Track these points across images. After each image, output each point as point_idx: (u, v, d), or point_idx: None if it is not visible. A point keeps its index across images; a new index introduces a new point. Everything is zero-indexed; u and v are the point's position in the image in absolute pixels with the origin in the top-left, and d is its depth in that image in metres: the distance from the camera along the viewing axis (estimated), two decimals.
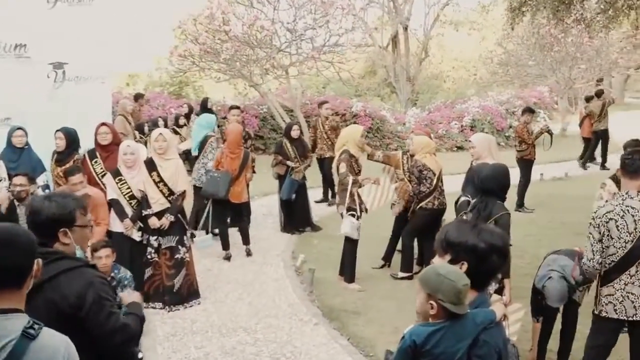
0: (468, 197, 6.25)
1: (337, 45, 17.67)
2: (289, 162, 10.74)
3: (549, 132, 12.62)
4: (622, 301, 4.93)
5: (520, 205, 12.42)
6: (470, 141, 7.50)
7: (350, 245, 8.21)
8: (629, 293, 4.91)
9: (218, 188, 9.05)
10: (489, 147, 7.13)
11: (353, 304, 7.69)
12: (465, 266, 2.91)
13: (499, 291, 5.40)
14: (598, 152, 17.94)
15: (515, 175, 12.22)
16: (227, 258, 9.32)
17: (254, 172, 9.78)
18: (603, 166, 17.30)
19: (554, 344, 6.06)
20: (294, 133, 10.95)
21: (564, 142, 21.44)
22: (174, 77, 21.23)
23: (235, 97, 22.00)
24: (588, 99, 18.89)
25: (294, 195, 10.76)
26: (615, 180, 6.68)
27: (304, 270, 8.76)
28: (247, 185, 9.66)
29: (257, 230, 10.73)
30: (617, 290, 4.95)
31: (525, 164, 12.53)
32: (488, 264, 2.91)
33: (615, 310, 4.96)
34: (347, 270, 8.28)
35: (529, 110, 12.81)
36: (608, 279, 4.98)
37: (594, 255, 4.97)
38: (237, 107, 11.69)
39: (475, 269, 2.89)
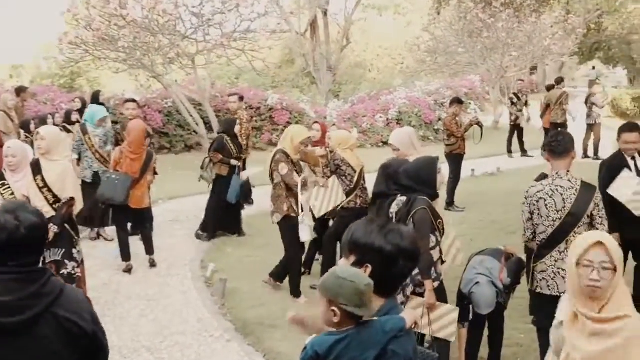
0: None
1: (249, 31, 17.65)
2: (233, 161, 10.63)
3: (479, 124, 12.99)
4: (554, 277, 5.58)
5: (450, 203, 12.72)
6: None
7: (295, 252, 8.22)
8: (559, 269, 5.53)
9: (116, 192, 8.87)
10: (411, 142, 7.26)
11: (270, 316, 7.69)
12: (369, 269, 2.93)
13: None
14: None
15: (444, 171, 12.61)
16: (128, 270, 9.17)
17: (155, 173, 9.65)
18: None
19: (484, 350, 6.26)
20: (238, 129, 10.89)
21: (496, 135, 22.09)
22: (64, 67, 20.72)
23: (137, 90, 21.67)
24: (549, 88, 19.88)
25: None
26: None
27: (215, 281, 8.71)
28: (149, 189, 9.53)
29: (162, 239, 10.60)
30: (549, 266, 5.60)
31: (455, 159, 12.83)
32: (395, 268, 2.93)
33: (548, 286, 5.61)
34: (293, 283, 8.28)
35: (458, 101, 13.14)
36: (540, 256, 5.66)
37: (525, 232, 5.76)
38: (133, 101, 11.46)
39: (382, 273, 2.92)
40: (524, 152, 19.25)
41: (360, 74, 33.73)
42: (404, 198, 6.07)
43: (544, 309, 5.56)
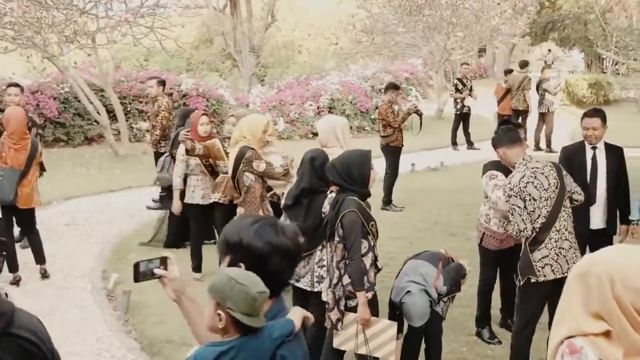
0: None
1: (158, 6, 17.49)
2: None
3: (418, 112, 13.12)
4: (557, 259, 6.01)
5: (387, 202, 12.87)
6: None
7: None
8: (560, 249, 6.01)
9: (2, 190, 8.73)
10: (335, 133, 7.33)
11: (180, 333, 7.66)
12: (242, 268, 2.98)
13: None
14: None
15: (380, 166, 12.75)
16: (16, 282, 9.02)
17: (43, 169, 9.51)
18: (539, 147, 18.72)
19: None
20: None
21: (439, 126, 22.46)
22: None
23: (29, 72, 21.20)
24: (507, 72, 20.69)
25: None
26: (498, 166, 7.16)
27: (118, 294, 8.64)
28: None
29: (57, 246, 10.46)
30: (550, 249, 6.01)
31: (392, 152, 12.97)
32: (270, 266, 2.97)
33: (552, 270, 6.01)
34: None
35: (393, 87, 13.28)
36: (538, 243, 6.04)
37: (525, 224, 5.99)
38: (17, 85, 11.18)
39: (256, 272, 2.94)
40: (470, 144, 19.62)
41: (289, 56, 33.73)
42: (333, 194, 6.13)
43: (540, 297, 6.12)
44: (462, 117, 19.54)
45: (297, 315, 3.04)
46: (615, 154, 7.79)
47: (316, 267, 6.32)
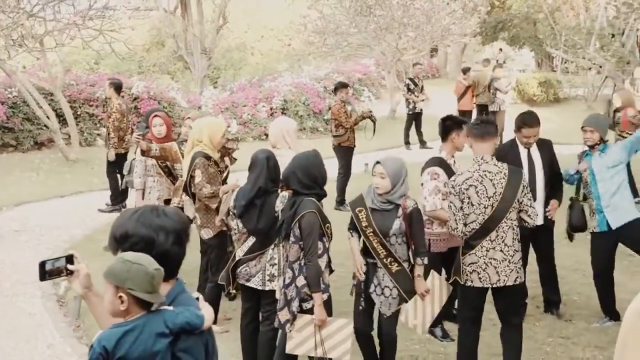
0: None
1: (107, 8, 17.33)
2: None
3: (372, 118, 13.12)
4: (485, 269, 5.98)
5: (340, 202, 12.90)
6: None
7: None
8: (491, 259, 5.97)
9: None
10: (284, 135, 7.38)
11: None
12: None
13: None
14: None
15: (333, 166, 12.77)
16: None
17: None
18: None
19: None
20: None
21: (393, 126, 22.58)
22: None
23: None
24: (465, 71, 21.42)
25: None
26: (441, 164, 7.29)
27: (69, 299, 8.57)
28: None
29: (6, 252, 10.34)
30: (480, 257, 5.99)
31: (344, 153, 13.02)
32: (157, 247, 3.08)
33: (479, 278, 6.00)
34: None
35: (342, 85, 13.35)
36: (469, 247, 6.03)
37: (457, 224, 6.01)
38: None
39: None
40: (422, 143, 19.77)
41: (241, 58, 33.62)
42: (285, 193, 6.14)
43: (472, 301, 6.15)
44: (414, 117, 19.75)
45: (208, 313, 3.13)
46: (546, 148, 7.90)
47: (268, 266, 6.32)
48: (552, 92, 30.35)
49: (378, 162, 6.05)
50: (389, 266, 6.04)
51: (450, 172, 7.05)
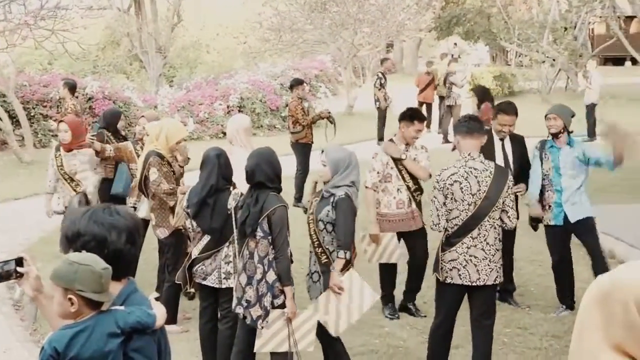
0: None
1: (59, 8, 17.12)
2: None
3: (330, 119, 13.08)
4: (466, 266, 5.92)
5: (298, 199, 12.88)
6: None
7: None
8: (471, 257, 5.91)
9: None
10: (237, 132, 7.41)
11: None
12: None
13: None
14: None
15: (291, 163, 12.76)
16: None
17: None
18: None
19: None
20: (121, 124, 10.36)
21: (350, 121, 22.62)
22: None
23: None
24: (430, 64, 22.00)
25: None
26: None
27: (25, 303, 8.44)
28: None
29: None
30: (460, 254, 5.93)
31: (302, 150, 13.00)
32: (110, 245, 3.08)
33: (459, 275, 5.94)
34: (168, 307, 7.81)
35: (298, 82, 13.36)
36: (450, 244, 5.99)
37: (439, 219, 5.97)
38: None
39: (99, 256, 3.06)
40: (381, 140, 19.71)
41: (197, 56, 33.45)
42: (238, 191, 6.14)
43: (451, 299, 6.12)
44: (386, 112, 19.51)
45: (160, 312, 3.12)
46: (519, 143, 8.02)
47: (223, 264, 6.32)
48: (507, 86, 30.67)
49: (322, 151, 6.10)
50: (319, 256, 6.04)
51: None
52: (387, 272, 7.97)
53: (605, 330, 1.98)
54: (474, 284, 5.96)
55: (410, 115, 7.73)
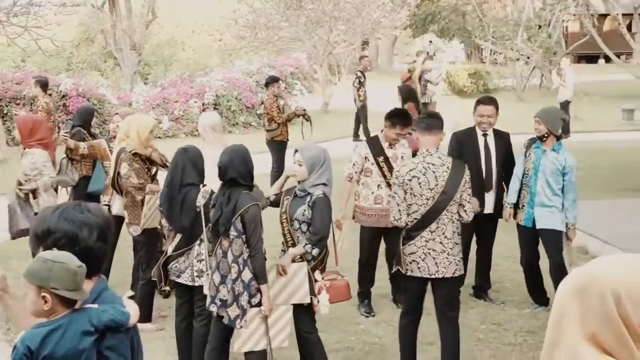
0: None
1: (32, 5, 17.01)
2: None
3: (306, 117, 13.07)
4: (424, 259, 6.06)
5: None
6: None
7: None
8: (430, 250, 6.06)
9: None
10: (207, 130, 7.41)
11: None
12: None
13: None
14: None
15: (266, 161, 12.75)
16: None
17: None
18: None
19: None
20: (94, 121, 10.22)
21: (326, 119, 22.59)
22: None
23: None
24: (413, 62, 21.97)
25: None
26: (371, 141, 8.01)
27: None
28: None
29: None
30: (419, 247, 6.06)
31: (277, 147, 12.99)
32: (81, 243, 3.07)
33: (419, 268, 6.08)
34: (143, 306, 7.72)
35: (273, 80, 13.34)
36: (409, 237, 6.12)
37: (400, 214, 6.07)
38: None
39: (71, 253, 3.05)
40: (356, 136, 19.70)
41: (172, 54, 33.33)
42: (208, 188, 6.12)
43: (413, 291, 6.26)
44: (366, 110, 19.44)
45: (133, 310, 3.12)
46: (503, 139, 8.05)
47: (195, 262, 6.30)
48: (482, 83, 30.80)
49: (297, 150, 6.08)
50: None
51: (379, 151, 7.73)
52: (366, 269, 7.99)
53: (582, 323, 2.01)
54: (432, 276, 6.10)
55: (393, 119, 7.75)
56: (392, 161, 7.70)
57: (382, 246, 8.13)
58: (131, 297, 7.59)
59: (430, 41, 44.47)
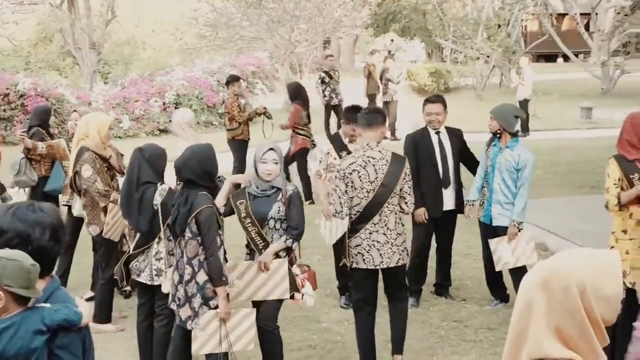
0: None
1: None
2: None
3: (267, 114, 13.04)
4: (369, 250, 6.21)
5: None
6: None
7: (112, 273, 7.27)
8: (374, 241, 6.20)
9: None
10: (180, 127, 7.36)
11: None
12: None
13: None
14: None
15: (228, 160, 12.70)
16: None
17: None
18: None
19: None
20: (52, 120, 9.97)
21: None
22: None
23: None
24: (373, 52, 22.34)
25: None
26: (334, 138, 8.17)
27: None
28: None
29: None
30: (364, 240, 6.21)
31: (239, 146, 12.95)
32: (34, 242, 3.09)
33: (364, 260, 6.23)
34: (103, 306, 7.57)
35: (234, 79, 13.31)
36: (354, 230, 6.25)
37: (342, 207, 6.17)
38: None
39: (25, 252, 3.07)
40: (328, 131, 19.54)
41: (132, 53, 33.12)
42: (165, 186, 6.09)
43: (363, 283, 6.34)
44: (333, 108, 19.39)
45: (86, 309, 3.14)
46: (456, 136, 8.12)
47: (154, 261, 6.26)
48: (443, 82, 30.95)
49: (271, 149, 6.02)
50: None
51: (341, 146, 7.86)
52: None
53: (547, 316, 2.06)
54: (377, 267, 6.24)
55: (347, 115, 7.87)
56: None
57: None
58: (91, 298, 7.54)
59: (392, 40, 44.66)
